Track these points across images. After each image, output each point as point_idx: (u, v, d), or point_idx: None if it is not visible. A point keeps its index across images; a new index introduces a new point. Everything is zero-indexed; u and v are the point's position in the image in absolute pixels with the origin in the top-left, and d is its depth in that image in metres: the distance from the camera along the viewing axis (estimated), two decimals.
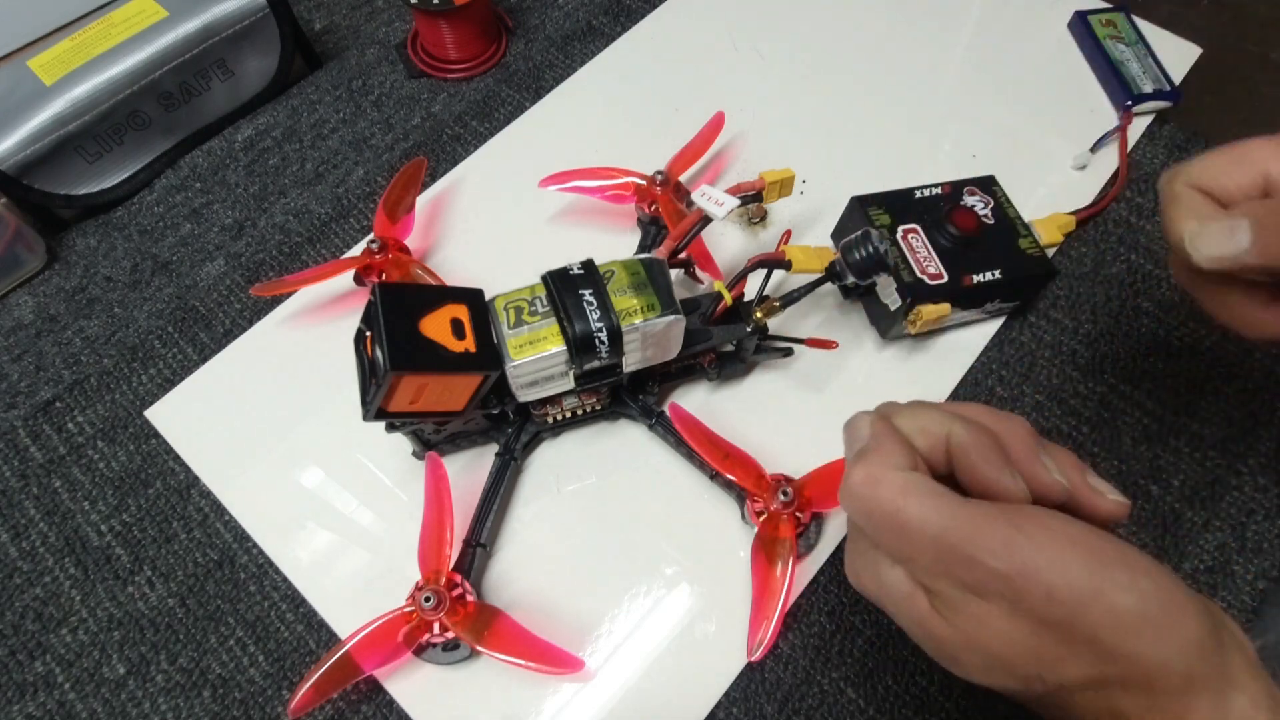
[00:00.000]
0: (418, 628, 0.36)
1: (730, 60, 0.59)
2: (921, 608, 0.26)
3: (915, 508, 0.25)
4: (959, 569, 0.24)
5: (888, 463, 0.26)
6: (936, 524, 0.24)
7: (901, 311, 0.43)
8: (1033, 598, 0.23)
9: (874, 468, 0.26)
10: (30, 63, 0.51)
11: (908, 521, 0.25)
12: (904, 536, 0.25)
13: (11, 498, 0.44)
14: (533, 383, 0.38)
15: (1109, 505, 0.27)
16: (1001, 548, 0.23)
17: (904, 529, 0.25)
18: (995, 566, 0.23)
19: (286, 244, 0.52)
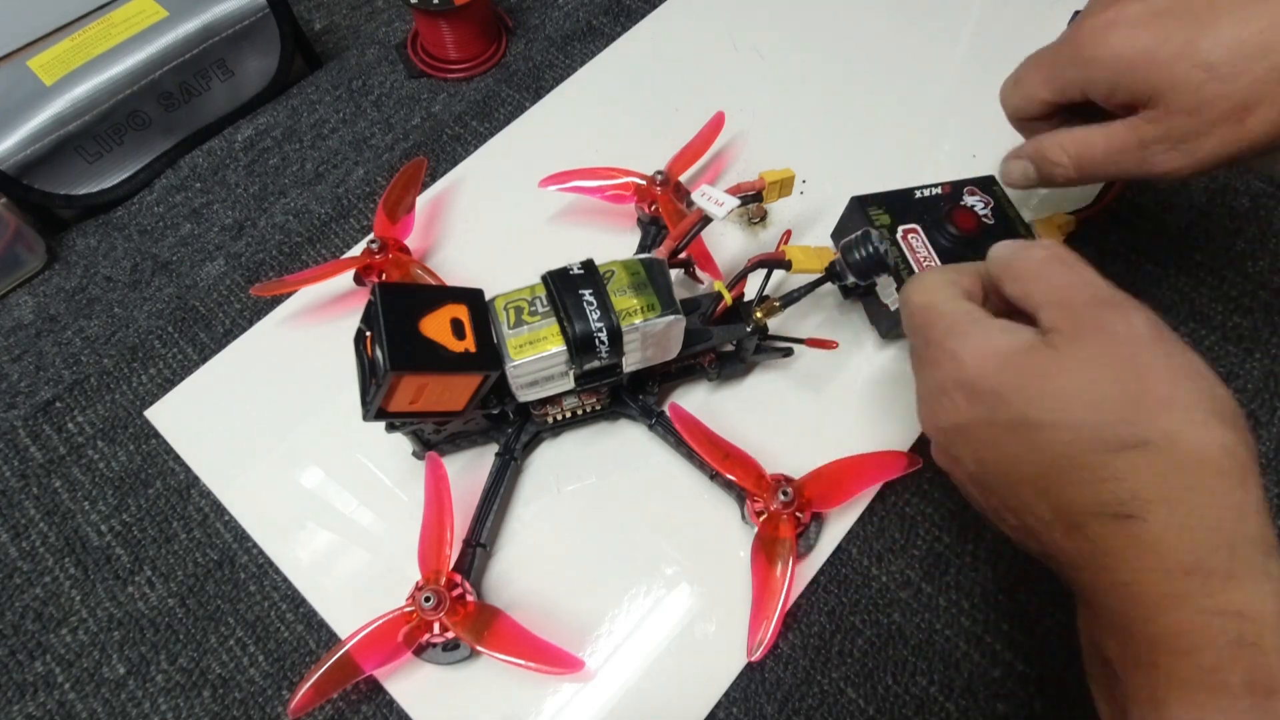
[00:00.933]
0: (418, 628, 0.36)
1: (730, 60, 0.59)
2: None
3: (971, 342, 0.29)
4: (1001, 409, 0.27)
5: (945, 289, 0.32)
6: (971, 322, 0.30)
7: None
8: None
9: (932, 293, 0.32)
10: (30, 63, 0.51)
11: (962, 356, 0.29)
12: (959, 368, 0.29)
13: (11, 498, 0.44)
14: (533, 383, 0.38)
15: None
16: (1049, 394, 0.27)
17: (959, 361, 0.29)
18: (1037, 416, 0.27)
19: (286, 244, 0.52)
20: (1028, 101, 0.39)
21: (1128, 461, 0.25)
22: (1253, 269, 0.48)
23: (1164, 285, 0.48)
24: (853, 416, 0.44)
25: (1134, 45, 0.33)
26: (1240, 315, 0.47)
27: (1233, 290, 0.48)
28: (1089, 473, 0.25)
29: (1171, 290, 0.48)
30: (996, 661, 0.38)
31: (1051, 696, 0.37)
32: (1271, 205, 0.51)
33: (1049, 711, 0.37)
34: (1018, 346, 0.28)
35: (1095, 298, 0.28)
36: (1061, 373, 0.26)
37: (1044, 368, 0.27)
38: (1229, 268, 0.48)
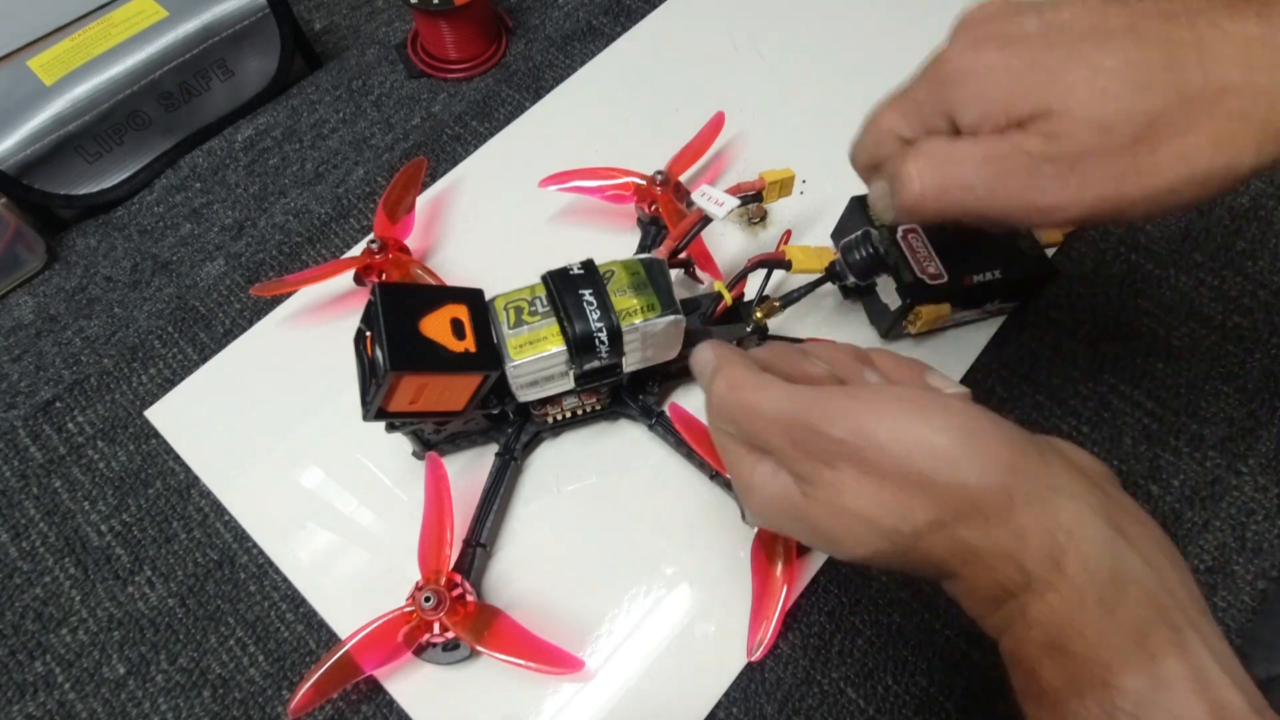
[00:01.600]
0: (418, 628, 0.36)
1: (730, 60, 0.59)
2: (791, 493, 0.28)
3: (769, 397, 0.28)
4: (809, 442, 0.27)
5: (738, 371, 0.30)
6: (787, 407, 0.28)
7: (901, 311, 0.43)
8: (870, 454, 0.26)
9: (733, 375, 0.30)
10: (30, 63, 0.51)
11: (764, 410, 0.28)
12: (762, 424, 0.28)
13: (11, 498, 0.44)
14: (533, 383, 0.38)
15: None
16: (839, 415, 0.26)
17: (761, 417, 0.28)
18: (835, 434, 0.26)
19: (286, 244, 0.52)
20: (878, 144, 0.34)
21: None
22: (1253, 269, 0.48)
23: (1164, 285, 0.48)
24: None
25: (1013, 57, 0.29)
26: (1240, 315, 0.47)
27: (1233, 290, 0.48)
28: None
29: (1171, 290, 0.48)
30: (996, 661, 0.38)
31: None
32: (1271, 205, 0.51)
33: None
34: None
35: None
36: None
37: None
38: (1229, 268, 0.48)
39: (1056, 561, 0.24)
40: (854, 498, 0.26)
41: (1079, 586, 0.24)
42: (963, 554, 0.26)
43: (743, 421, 0.29)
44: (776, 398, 0.28)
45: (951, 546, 0.26)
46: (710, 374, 0.31)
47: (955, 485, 0.25)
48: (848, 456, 0.26)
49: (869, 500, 0.26)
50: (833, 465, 0.27)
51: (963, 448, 0.25)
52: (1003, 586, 0.26)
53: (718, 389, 0.30)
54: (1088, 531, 0.25)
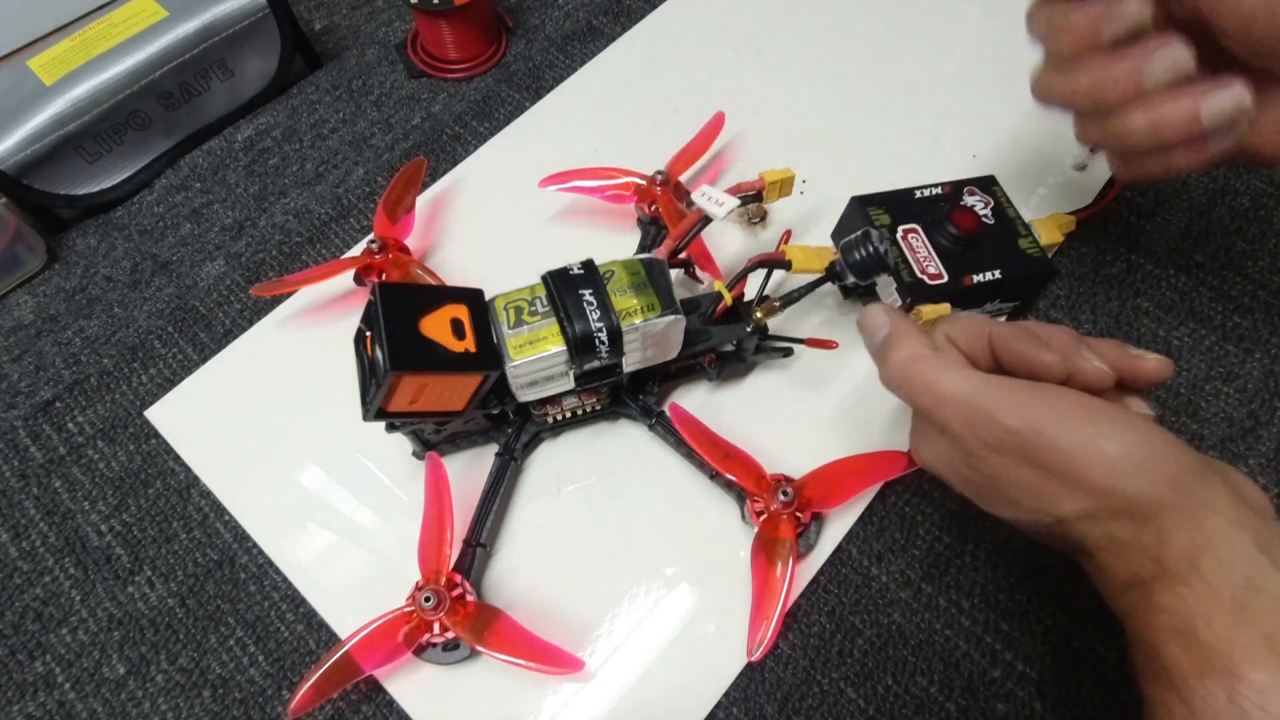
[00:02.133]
0: (418, 628, 0.36)
1: (730, 60, 0.59)
2: (954, 460, 0.31)
3: (949, 380, 0.30)
4: (982, 428, 0.29)
5: (917, 344, 0.32)
6: (966, 390, 0.30)
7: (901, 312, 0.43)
8: (1039, 449, 0.28)
9: (911, 349, 0.32)
10: (30, 63, 0.51)
11: (943, 391, 0.30)
12: (940, 403, 0.30)
13: (11, 498, 0.44)
14: (533, 383, 0.38)
15: (1151, 365, 0.32)
16: (1015, 409, 0.29)
17: (940, 397, 0.30)
18: (1010, 424, 0.28)
19: (286, 244, 0.52)
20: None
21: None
22: (1253, 269, 0.48)
23: (1164, 285, 0.48)
24: (853, 416, 0.44)
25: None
26: (1240, 315, 0.47)
27: (1233, 290, 0.48)
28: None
29: (1171, 290, 0.48)
30: (996, 661, 0.38)
31: (1051, 696, 0.37)
32: (1271, 205, 0.51)
33: (1049, 711, 0.37)
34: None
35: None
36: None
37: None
38: (1229, 268, 0.48)
39: (1193, 562, 0.26)
40: (1013, 482, 0.29)
41: (1212, 584, 0.26)
42: (1104, 542, 0.28)
43: (918, 396, 0.31)
44: (956, 381, 0.30)
45: (1095, 534, 0.28)
46: (883, 341, 0.33)
47: (1114, 489, 0.27)
48: (1016, 447, 0.28)
49: (1026, 485, 0.29)
50: (1000, 451, 0.29)
51: (1130, 458, 0.27)
52: (1137, 575, 0.28)
53: (895, 359, 0.32)
54: (1231, 544, 0.26)
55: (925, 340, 0.32)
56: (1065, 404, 0.29)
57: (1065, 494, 0.28)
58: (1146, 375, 0.32)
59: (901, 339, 0.32)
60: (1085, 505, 0.28)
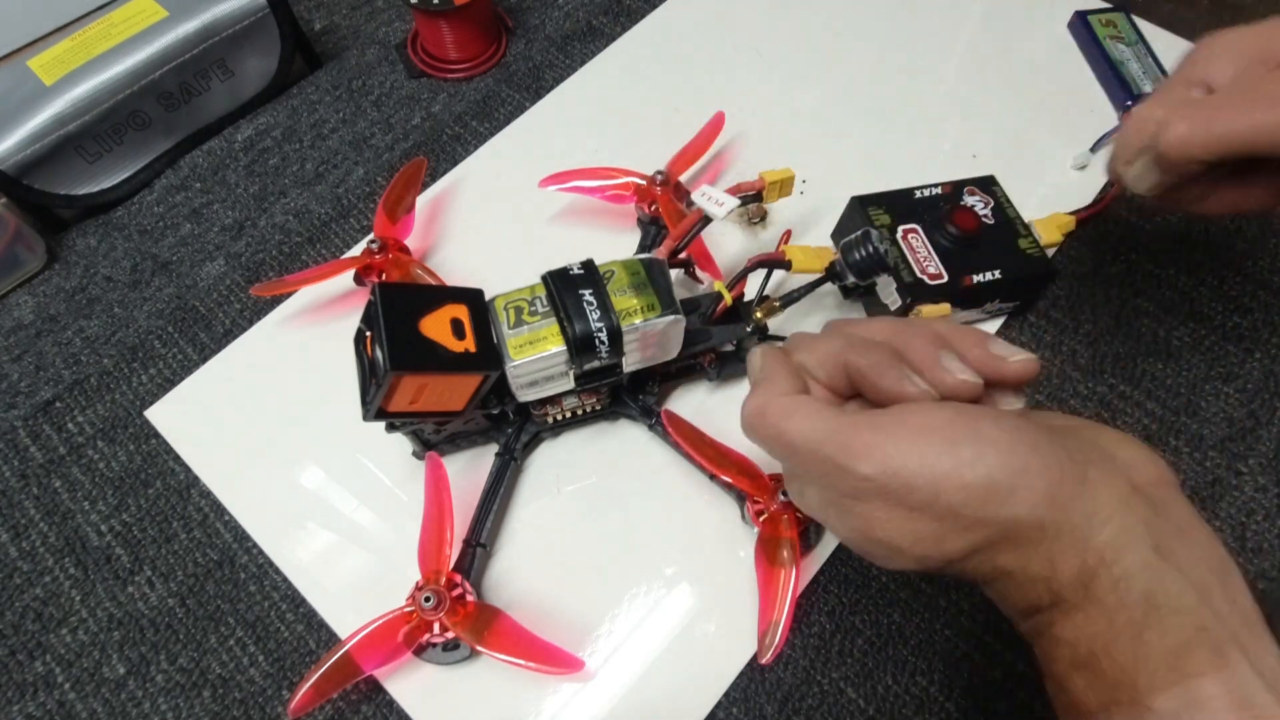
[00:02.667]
0: (418, 628, 0.36)
1: (730, 60, 0.59)
2: (827, 513, 0.29)
3: (795, 427, 0.28)
4: (837, 477, 0.27)
5: (775, 390, 0.29)
6: (813, 439, 0.27)
7: (901, 312, 0.43)
8: (898, 490, 0.26)
9: (761, 397, 0.29)
10: (30, 63, 0.51)
11: (791, 440, 0.28)
12: (792, 454, 0.28)
13: (11, 498, 0.44)
14: (533, 383, 0.38)
15: (1014, 368, 0.29)
16: (865, 451, 0.26)
17: (790, 447, 0.28)
18: (862, 470, 0.26)
19: (286, 244, 0.52)
20: (1139, 130, 0.33)
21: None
22: (1253, 269, 0.48)
23: (1164, 285, 0.48)
24: None
25: (1251, 32, 0.31)
26: (1240, 315, 0.47)
27: (1233, 290, 0.48)
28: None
29: (1171, 290, 0.48)
30: (996, 661, 0.38)
31: None
32: None
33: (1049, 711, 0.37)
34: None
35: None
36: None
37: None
38: (1229, 268, 0.48)
39: (1085, 585, 0.24)
40: (883, 529, 0.26)
41: (1108, 609, 0.24)
42: (995, 573, 0.26)
43: (771, 446, 0.29)
44: (803, 429, 0.27)
45: (985, 569, 0.26)
46: (752, 389, 0.30)
47: (986, 519, 0.25)
48: (875, 493, 0.26)
49: (898, 531, 0.26)
50: (861, 499, 0.27)
51: (996, 483, 0.25)
52: (1033, 604, 0.26)
53: (746, 409, 0.30)
54: (1123, 555, 0.24)
55: (790, 382, 0.29)
56: (917, 434, 0.26)
57: (942, 533, 0.26)
58: (1012, 376, 0.29)
59: (761, 384, 0.30)
60: (964, 542, 0.26)
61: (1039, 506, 0.25)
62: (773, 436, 0.29)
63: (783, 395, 0.29)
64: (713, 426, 0.41)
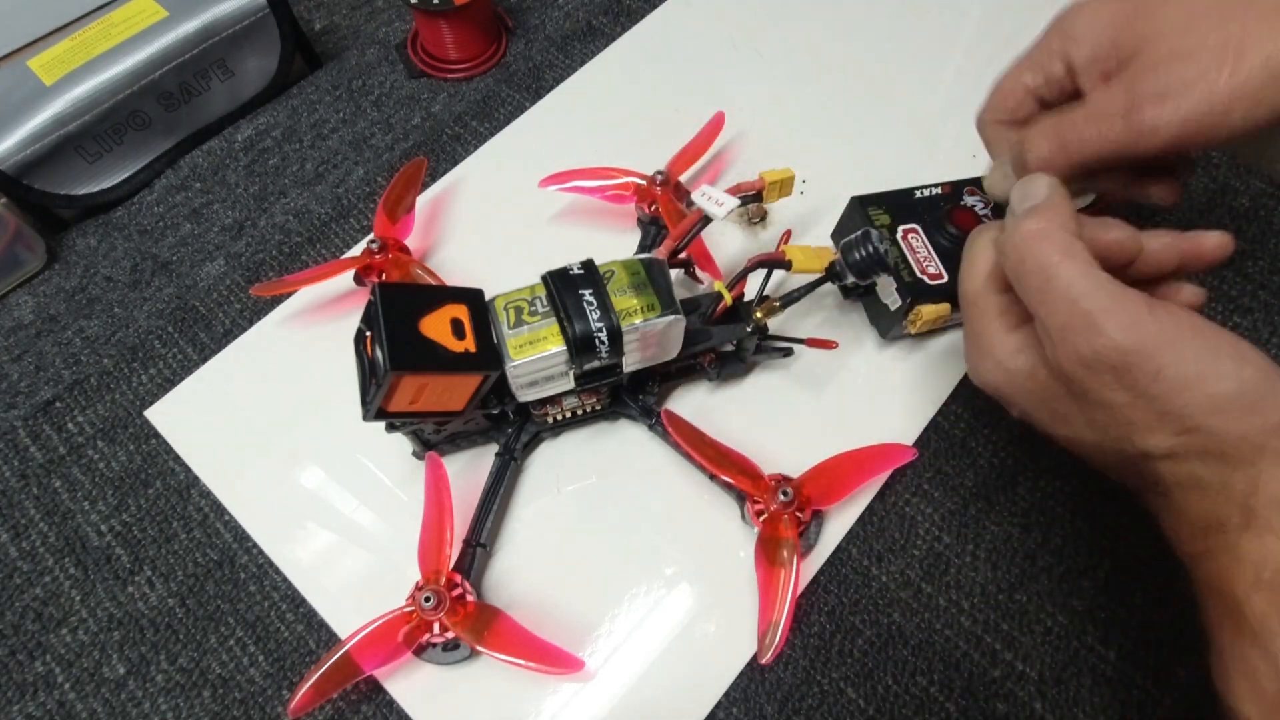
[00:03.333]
0: (418, 628, 0.36)
1: (730, 60, 0.59)
2: (1038, 376, 0.28)
3: (1067, 270, 0.27)
4: (1084, 334, 0.26)
5: (1058, 222, 0.28)
6: (1080, 289, 0.26)
7: (901, 311, 0.43)
8: (1142, 372, 0.25)
9: (1046, 223, 0.28)
10: (30, 63, 0.51)
11: (1056, 280, 0.27)
12: (1047, 293, 0.27)
13: (11, 498, 0.44)
14: (533, 383, 0.38)
15: (1212, 242, 0.31)
16: (1130, 322, 0.26)
17: (1050, 286, 0.27)
18: (1117, 339, 0.26)
19: (286, 244, 0.52)
20: (1007, 95, 0.35)
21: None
22: (1253, 269, 0.48)
23: None
24: (853, 416, 0.44)
25: (1113, 5, 0.32)
26: (1240, 315, 0.47)
27: (1233, 290, 0.48)
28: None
29: None
30: (996, 661, 0.38)
31: (1051, 696, 0.37)
32: (1271, 205, 0.51)
33: (1049, 711, 0.37)
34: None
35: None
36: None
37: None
38: (1229, 268, 0.48)
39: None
40: (1098, 404, 0.26)
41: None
42: (1188, 481, 0.26)
43: (1030, 277, 0.28)
44: (1074, 276, 0.27)
45: (1180, 473, 0.26)
46: (1028, 209, 0.29)
47: (1216, 430, 0.25)
48: (1116, 364, 0.26)
49: (1114, 411, 0.26)
50: (1093, 367, 0.26)
51: (1241, 400, 0.25)
52: (1218, 519, 0.26)
53: (1026, 228, 0.28)
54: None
55: (1072, 223, 0.29)
56: (1181, 328, 0.26)
57: (1158, 426, 0.26)
58: (1209, 253, 0.30)
59: (1045, 212, 0.29)
60: (1177, 442, 0.26)
61: (1269, 431, 0.25)
62: (1040, 266, 0.27)
63: (1065, 231, 0.28)
64: (713, 426, 0.41)
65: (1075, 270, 0.27)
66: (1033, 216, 0.29)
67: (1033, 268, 0.28)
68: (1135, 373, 0.25)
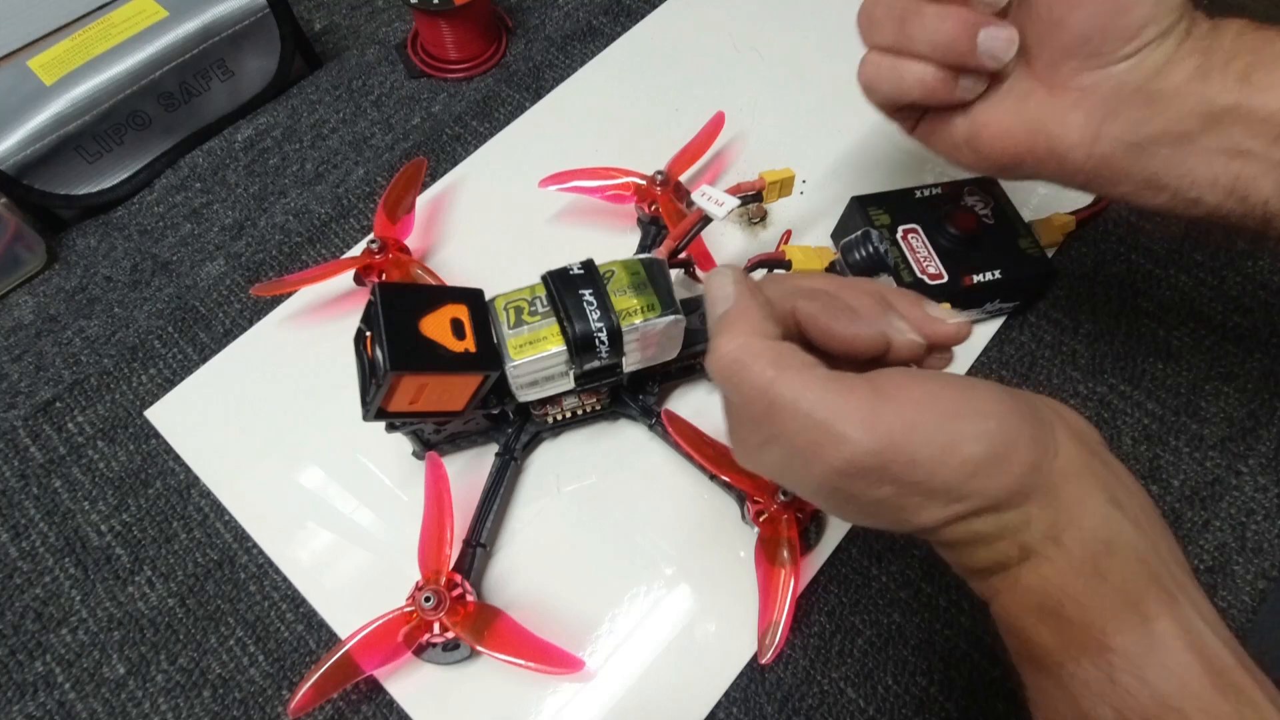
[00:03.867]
0: (418, 628, 0.36)
1: (730, 60, 0.59)
2: (797, 477, 0.27)
3: (787, 385, 0.25)
4: (829, 448, 0.24)
5: (751, 329, 0.26)
6: (808, 401, 0.25)
7: None
8: (895, 465, 0.24)
9: (739, 337, 0.26)
10: (30, 63, 0.51)
11: (780, 398, 0.25)
12: (772, 413, 0.25)
13: (11, 498, 0.44)
14: (533, 383, 0.38)
15: (949, 329, 0.29)
16: (866, 421, 0.24)
17: (775, 405, 0.25)
18: (862, 444, 0.24)
19: (286, 244, 0.52)
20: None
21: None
22: (1253, 269, 0.48)
23: (1164, 285, 0.48)
24: None
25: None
26: (1240, 315, 0.47)
27: (1233, 290, 0.48)
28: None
29: (1171, 290, 0.48)
30: (996, 661, 0.38)
31: None
32: None
33: None
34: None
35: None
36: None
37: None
38: (1229, 268, 0.48)
39: (1055, 538, 0.25)
40: (863, 499, 0.26)
41: (1074, 557, 0.25)
42: (965, 538, 0.26)
43: (750, 402, 0.26)
44: (795, 388, 0.25)
45: (958, 533, 0.26)
46: (720, 318, 0.27)
47: (980, 491, 0.25)
48: (869, 466, 0.24)
49: (881, 502, 0.25)
50: (848, 474, 0.25)
51: (992, 455, 0.25)
52: (1000, 561, 0.26)
53: (720, 352, 0.26)
54: (1087, 507, 0.25)
55: (767, 324, 0.27)
56: (918, 405, 0.25)
57: (928, 504, 0.25)
58: (945, 339, 0.29)
59: (737, 321, 0.26)
60: (949, 512, 0.25)
61: (1025, 475, 0.25)
62: (758, 388, 0.25)
63: (763, 338, 0.26)
64: (713, 426, 0.41)
65: (797, 382, 0.25)
66: (728, 332, 0.26)
67: (752, 392, 0.25)
68: (891, 468, 0.24)
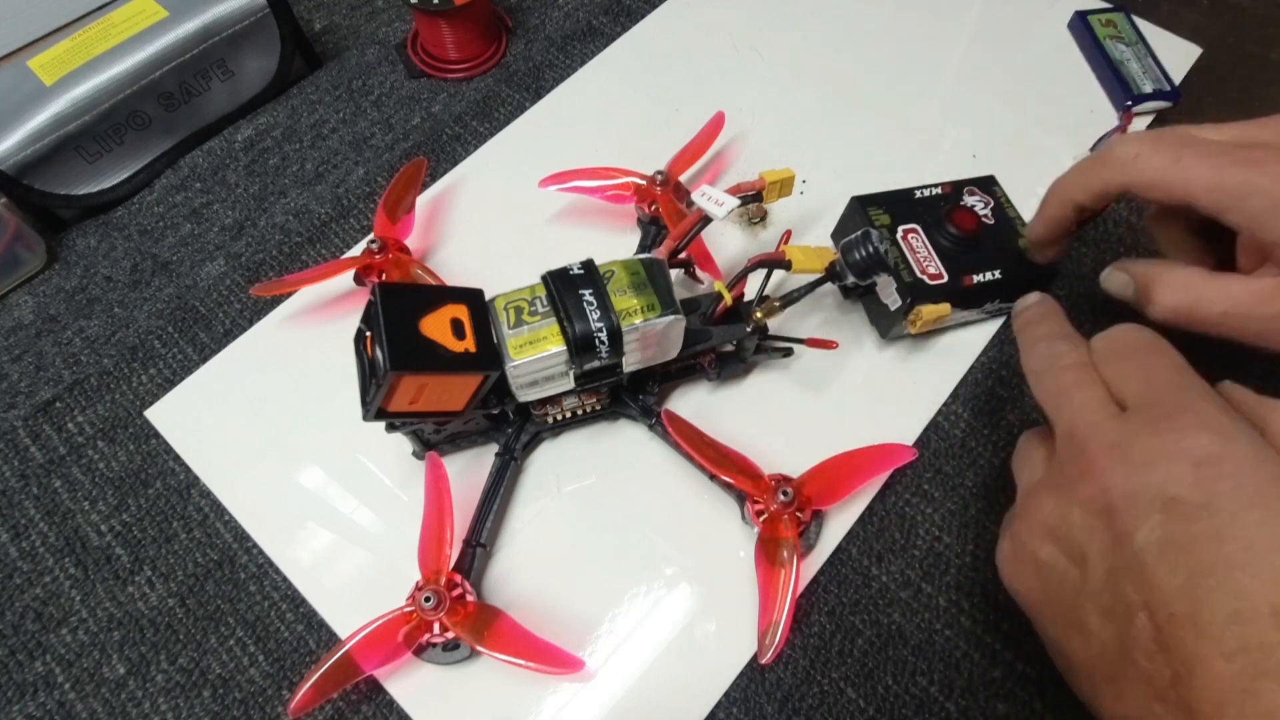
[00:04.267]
0: (418, 628, 0.36)
1: (730, 60, 0.59)
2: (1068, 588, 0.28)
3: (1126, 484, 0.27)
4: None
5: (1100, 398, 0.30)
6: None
7: (901, 311, 0.43)
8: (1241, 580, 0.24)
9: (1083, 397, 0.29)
10: (30, 63, 0.51)
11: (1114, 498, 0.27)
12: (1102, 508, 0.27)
13: (11, 498, 0.44)
14: (533, 383, 0.38)
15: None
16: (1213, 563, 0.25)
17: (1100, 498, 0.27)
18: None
19: (286, 244, 0.52)
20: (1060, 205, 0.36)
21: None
22: None
23: None
24: (853, 416, 0.44)
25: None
26: None
27: None
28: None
29: None
30: (996, 661, 0.38)
31: (1051, 696, 0.37)
32: None
33: (1049, 711, 0.37)
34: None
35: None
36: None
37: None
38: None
39: None
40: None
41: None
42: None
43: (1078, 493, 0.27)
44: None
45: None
46: (1034, 343, 0.30)
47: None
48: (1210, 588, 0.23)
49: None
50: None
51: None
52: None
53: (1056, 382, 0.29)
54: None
55: (1098, 388, 0.30)
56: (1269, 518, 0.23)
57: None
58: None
59: (1062, 357, 0.30)
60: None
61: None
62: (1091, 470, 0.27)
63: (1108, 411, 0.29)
64: (713, 426, 0.41)
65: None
66: (1048, 362, 0.30)
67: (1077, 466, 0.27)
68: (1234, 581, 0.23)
